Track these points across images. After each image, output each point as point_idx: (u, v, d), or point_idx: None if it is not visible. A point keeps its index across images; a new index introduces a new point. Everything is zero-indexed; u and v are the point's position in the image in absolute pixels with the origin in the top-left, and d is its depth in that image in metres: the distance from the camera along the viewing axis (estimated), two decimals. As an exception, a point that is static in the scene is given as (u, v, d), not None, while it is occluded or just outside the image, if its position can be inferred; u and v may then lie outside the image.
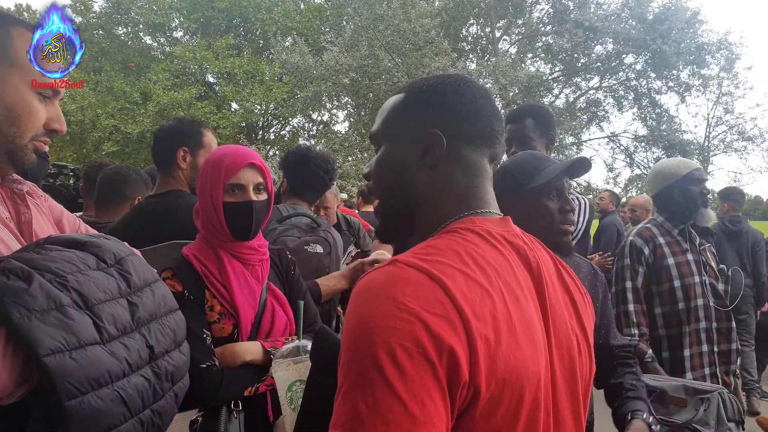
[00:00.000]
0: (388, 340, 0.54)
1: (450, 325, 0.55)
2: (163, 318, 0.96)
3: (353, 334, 0.57)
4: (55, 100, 0.95)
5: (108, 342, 0.79)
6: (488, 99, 0.77)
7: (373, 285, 0.59)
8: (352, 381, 0.55)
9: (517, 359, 0.60)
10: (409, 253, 0.64)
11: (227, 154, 1.38)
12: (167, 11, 17.92)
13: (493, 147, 0.77)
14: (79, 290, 0.79)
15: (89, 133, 16.03)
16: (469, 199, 0.74)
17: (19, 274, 0.75)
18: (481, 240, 0.67)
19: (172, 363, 0.93)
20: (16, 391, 0.74)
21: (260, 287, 1.39)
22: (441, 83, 0.77)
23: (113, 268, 0.90)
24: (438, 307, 0.56)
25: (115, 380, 0.78)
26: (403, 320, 0.54)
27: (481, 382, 0.56)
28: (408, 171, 0.75)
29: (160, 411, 0.88)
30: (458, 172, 0.74)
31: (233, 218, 1.35)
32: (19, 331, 0.70)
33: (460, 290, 0.58)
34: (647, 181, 2.39)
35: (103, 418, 0.75)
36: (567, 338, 0.71)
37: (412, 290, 0.57)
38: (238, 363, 1.29)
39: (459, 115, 0.74)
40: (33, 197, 1.02)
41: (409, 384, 0.52)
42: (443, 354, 0.54)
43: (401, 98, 0.78)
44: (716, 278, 2.20)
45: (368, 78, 13.67)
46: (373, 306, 0.57)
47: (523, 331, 0.62)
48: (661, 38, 13.61)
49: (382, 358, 0.53)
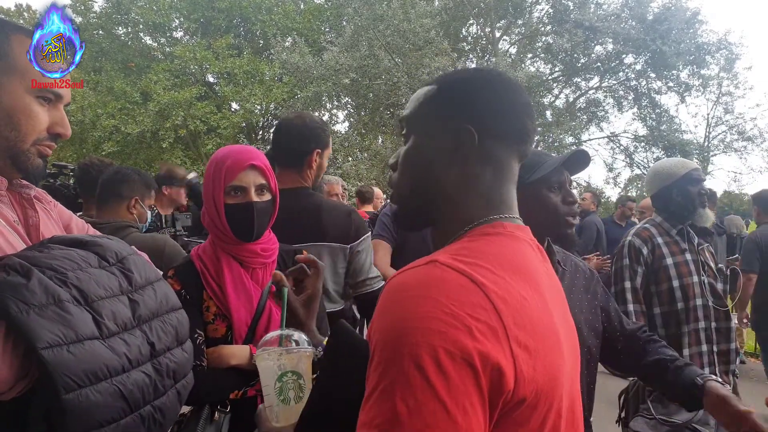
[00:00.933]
0: (432, 342, 0.52)
1: (493, 333, 0.54)
2: (165, 316, 0.96)
3: (391, 333, 0.54)
4: (60, 104, 0.95)
5: (108, 337, 0.80)
6: (521, 95, 0.75)
7: (413, 284, 0.57)
8: (391, 381, 0.52)
9: (552, 367, 0.59)
10: (446, 253, 0.62)
11: (228, 155, 1.37)
12: (167, 11, 17.93)
13: (523, 145, 0.75)
14: (78, 286, 0.80)
15: (89, 133, 16.05)
16: (496, 202, 0.72)
17: (18, 270, 0.76)
18: (514, 245, 0.66)
19: (174, 360, 0.94)
20: (16, 386, 0.75)
21: (260, 291, 1.39)
22: (474, 77, 0.75)
23: (115, 267, 0.92)
24: (482, 313, 0.54)
25: (114, 375, 0.79)
26: (447, 323, 0.53)
27: (522, 391, 0.55)
28: (436, 166, 0.73)
29: (162, 407, 0.88)
30: (487, 171, 0.72)
31: (235, 220, 1.34)
32: (17, 325, 0.71)
33: (502, 297, 0.57)
34: (646, 181, 2.39)
35: (102, 411, 0.76)
36: (573, 343, 0.72)
37: (455, 293, 0.55)
38: (224, 366, 1.29)
39: (491, 111, 0.72)
40: (42, 202, 1.04)
41: (452, 389, 0.51)
42: (487, 363, 0.53)
43: (434, 90, 0.76)
44: (715, 278, 2.20)
45: (368, 78, 13.68)
46: (413, 306, 0.54)
47: (554, 339, 0.62)
48: (660, 38, 13.62)
49: (426, 359, 0.51)
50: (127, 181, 2.22)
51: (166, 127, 15.34)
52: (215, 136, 16.03)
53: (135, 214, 2.21)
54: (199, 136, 16.40)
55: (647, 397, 1.96)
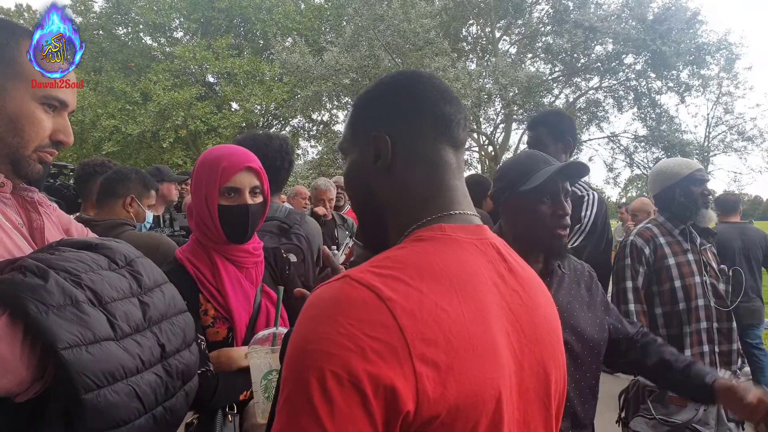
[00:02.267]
0: (321, 365, 0.52)
1: (391, 352, 0.52)
2: (174, 318, 0.97)
3: (293, 351, 0.55)
4: (64, 112, 0.95)
5: (122, 338, 0.81)
6: (432, 84, 0.73)
7: (319, 302, 0.57)
8: (284, 401, 0.54)
9: (473, 382, 0.56)
10: (365, 265, 0.60)
11: (224, 156, 1.36)
12: (167, 11, 17.92)
13: (450, 133, 0.71)
14: (93, 288, 0.81)
15: (89, 133, 16.03)
16: (435, 200, 0.69)
17: (35, 272, 0.77)
18: (448, 250, 0.63)
19: (183, 362, 0.95)
20: (32, 387, 0.75)
21: (254, 290, 1.39)
22: (381, 83, 0.75)
23: (124, 269, 0.93)
24: (381, 331, 0.53)
25: (129, 375, 0.80)
26: (339, 345, 0.52)
27: (427, 410, 0.53)
28: (367, 178, 0.73)
29: (172, 408, 0.89)
30: (416, 171, 0.70)
31: (228, 222, 1.33)
32: (36, 326, 0.72)
33: (410, 311, 0.55)
34: (649, 181, 2.40)
35: (119, 411, 0.77)
36: (541, 351, 0.68)
37: (357, 312, 0.54)
38: (235, 368, 1.29)
39: (399, 110, 0.71)
40: (43, 206, 1.04)
41: (336, 414, 0.50)
42: (379, 386, 0.51)
43: (352, 108, 0.78)
44: (717, 278, 2.20)
45: (368, 78, 13.66)
46: (314, 326, 0.55)
47: (484, 350, 0.58)
48: (660, 38, 13.61)
49: (312, 384, 0.51)
50: (123, 179, 2.23)
51: (166, 128, 15.33)
52: (215, 136, 16.02)
53: (132, 212, 2.22)
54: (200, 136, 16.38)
55: (647, 397, 1.97)
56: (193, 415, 1.30)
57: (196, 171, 1.38)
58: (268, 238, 1.94)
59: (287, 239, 1.97)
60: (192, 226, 1.40)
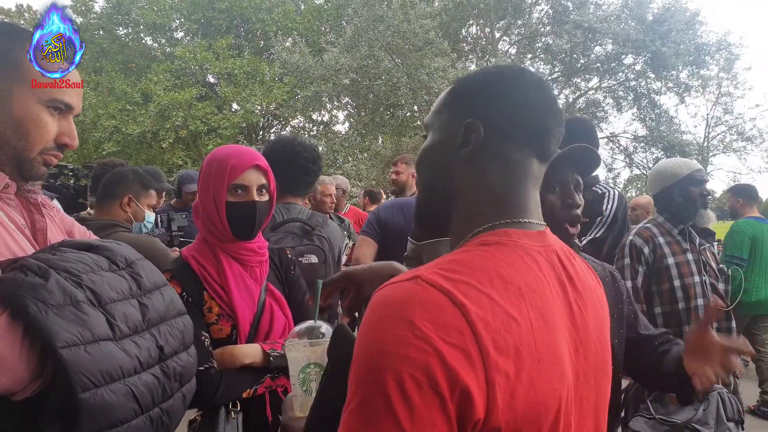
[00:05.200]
0: (399, 368, 0.51)
1: (467, 358, 0.52)
2: (172, 320, 0.98)
3: (364, 352, 0.54)
4: (69, 115, 0.96)
5: (120, 339, 0.82)
6: (541, 90, 0.71)
7: (391, 302, 0.55)
8: (358, 403, 0.53)
9: (538, 393, 0.56)
10: (433, 267, 0.59)
11: (232, 154, 1.38)
12: (168, 12, 17.93)
13: (541, 145, 0.70)
14: (93, 288, 0.82)
15: (90, 134, 16.03)
16: (507, 205, 0.68)
17: (36, 271, 0.77)
18: (515, 257, 0.62)
19: (181, 364, 0.96)
20: (30, 386, 0.76)
21: (259, 288, 1.40)
22: (488, 73, 0.73)
23: (125, 271, 0.93)
24: (457, 336, 0.52)
25: (127, 376, 0.80)
26: (417, 348, 0.51)
27: (496, 419, 0.53)
28: (445, 162, 0.72)
29: (169, 410, 0.90)
30: (495, 171, 0.68)
31: (236, 218, 1.35)
32: (35, 324, 0.73)
33: (484, 318, 0.54)
34: (648, 181, 2.41)
35: (115, 411, 0.77)
36: (596, 360, 0.68)
37: (431, 315, 0.53)
38: (238, 366, 1.30)
39: (500, 106, 0.69)
40: (46, 207, 1.05)
41: (416, 418, 0.50)
42: (456, 389, 0.51)
43: (449, 89, 0.76)
44: (716, 278, 2.21)
45: (368, 78, 13.68)
46: (387, 327, 0.53)
47: (549, 360, 0.58)
48: (660, 39, 13.63)
49: (391, 386, 0.50)
50: (120, 180, 2.23)
51: (166, 128, 15.33)
52: (216, 137, 16.03)
53: (130, 212, 2.22)
54: (200, 136, 16.39)
55: (647, 397, 1.97)
56: (196, 412, 1.31)
57: (203, 169, 1.40)
58: (290, 239, 1.97)
59: (309, 240, 1.99)
60: (198, 224, 1.42)
